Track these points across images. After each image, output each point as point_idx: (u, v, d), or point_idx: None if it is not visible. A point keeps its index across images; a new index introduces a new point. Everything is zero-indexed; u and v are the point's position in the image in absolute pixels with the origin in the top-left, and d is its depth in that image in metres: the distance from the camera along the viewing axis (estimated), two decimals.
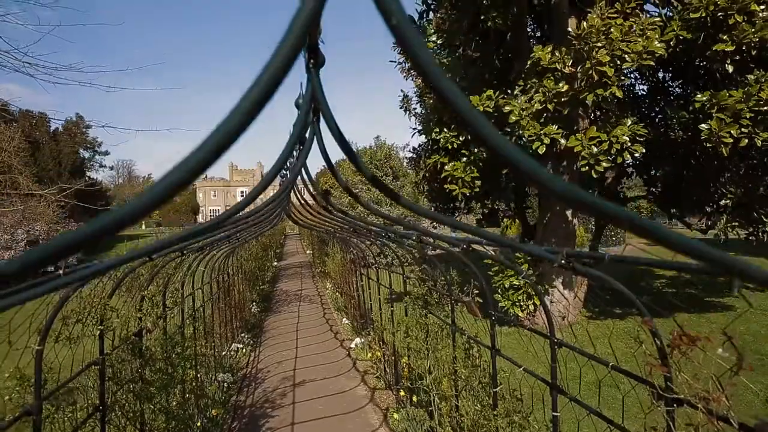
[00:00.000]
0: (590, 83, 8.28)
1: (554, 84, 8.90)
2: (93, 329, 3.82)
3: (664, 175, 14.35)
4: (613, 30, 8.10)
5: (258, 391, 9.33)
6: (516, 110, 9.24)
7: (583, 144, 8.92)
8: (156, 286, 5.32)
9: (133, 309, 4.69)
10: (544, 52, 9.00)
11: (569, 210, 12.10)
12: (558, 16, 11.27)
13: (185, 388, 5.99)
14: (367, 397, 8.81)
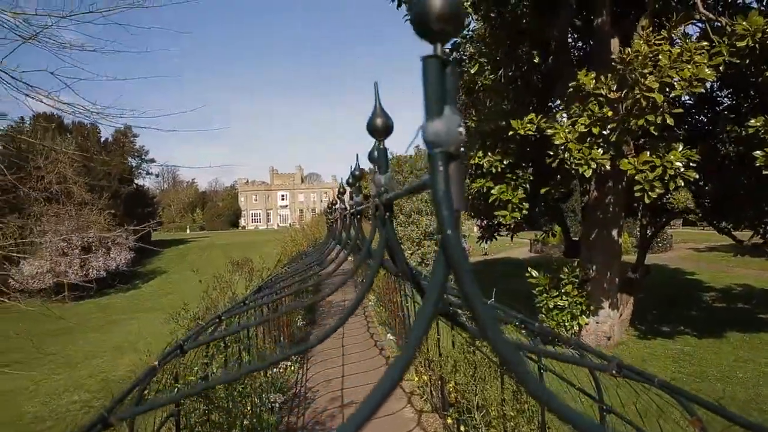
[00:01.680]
0: (639, 109, 8.24)
1: (599, 109, 8.88)
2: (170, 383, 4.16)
3: (713, 189, 14.06)
4: (661, 57, 8.06)
5: (308, 411, 9.58)
6: (560, 133, 9.25)
7: (636, 168, 8.89)
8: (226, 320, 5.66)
9: (200, 355, 5.04)
10: (588, 77, 9.00)
11: (615, 229, 12.02)
12: (600, 36, 11.23)
13: (244, 425, 6.33)
14: (414, 420, 8.95)
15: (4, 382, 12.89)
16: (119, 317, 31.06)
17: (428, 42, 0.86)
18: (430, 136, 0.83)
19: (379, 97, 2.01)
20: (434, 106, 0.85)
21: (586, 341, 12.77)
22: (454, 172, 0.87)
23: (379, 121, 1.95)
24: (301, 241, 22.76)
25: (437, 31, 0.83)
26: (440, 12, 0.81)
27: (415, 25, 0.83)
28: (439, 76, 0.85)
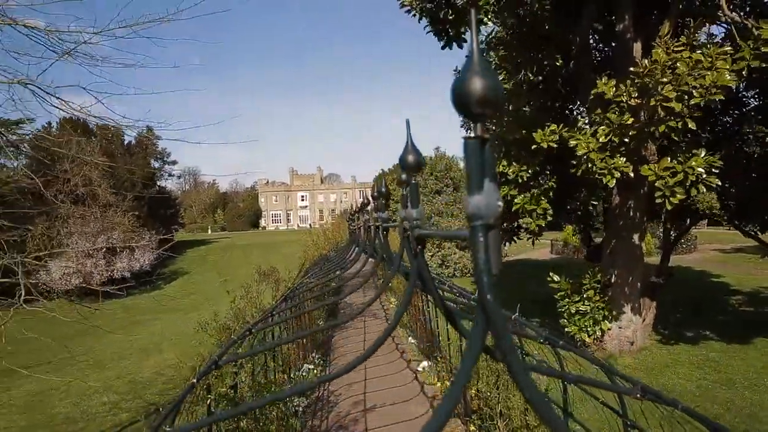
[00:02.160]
0: (658, 118, 8.20)
1: (619, 116, 8.84)
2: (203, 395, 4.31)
3: (738, 191, 13.86)
4: (679, 65, 8.00)
5: (331, 415, 9.70)
6: (582, 144, 9.24)
7: (656, 174, 8.83)
8: (249, 342, 5.82)
9: (230, 363, 5.17)
10: (608, 86, 8.97)
11: (636, 234, 11.94)
12: (622, 41, 11.16)
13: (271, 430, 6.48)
14: None
15: (37, 383, 13.26)
16: (143, 317, 31.61)
17: (469, 121, 0.95)
18: (472, 209, 0.92)
19: (410, 133, 2.11)
20: (475, 181, 0.93)
21: (609, 346, 12.70)
22: (492, 240, 0.96)
23: (410, 157, 2.04)
24: (324, 245, 22.88)
25: (477, 114, 0.92)
26: (480, 96, 0.90)
27: (456, 106, 0.92)
28: (479, 155, 0.93)
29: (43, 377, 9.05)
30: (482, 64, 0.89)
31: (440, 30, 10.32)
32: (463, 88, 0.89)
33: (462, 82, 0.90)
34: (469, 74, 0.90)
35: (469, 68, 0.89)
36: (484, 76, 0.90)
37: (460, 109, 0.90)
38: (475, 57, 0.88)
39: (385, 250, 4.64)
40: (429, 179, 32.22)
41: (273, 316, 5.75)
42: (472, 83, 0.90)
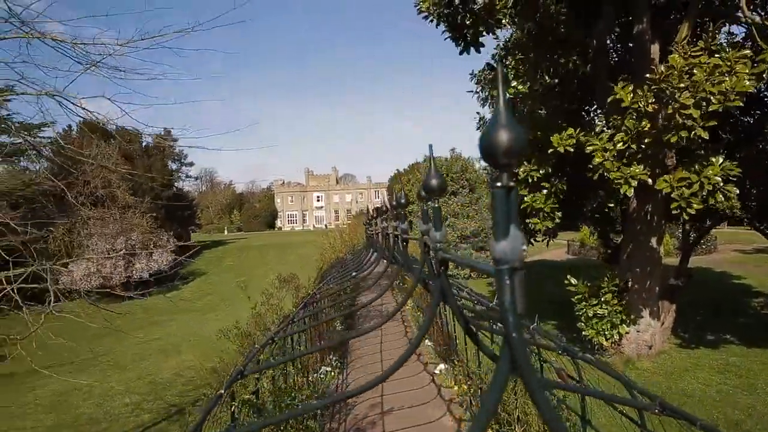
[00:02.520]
0: (675, 124, 8.13)
1: (636, 122, 8.78)
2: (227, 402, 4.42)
3: (760, 192, 13.69)
4: (696, 71, 7.92)
5: (349, 418, 9.77)
6: (599, 151, 9.20)
7: (672, 185, 8.76)
8: (270, 349, 5.94)
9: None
10: (625, 91, 8.91)
11: (654, 238, 11.86)
12: (640, 43, 11.09)
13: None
14: (453, 428, 9.04)
15: (60, 384, 13.53)
16: (161, 318, 31.96)
17: (496, 170, 1.03)
18: (498, 254, 1.00)
19: (434, 158, 2.19)
20: (502, 228, 1.01)
21: (627, 350, 12.62)
22: (517, 282, 1.03)
23: (434, 182, 2.12)
24: (341, 248, 23.02)
25: (503, 164, 0.99)
26: (507, 148, 0.97)
27: (484, 156, 1.00)
28: (505, 202, 1.01)
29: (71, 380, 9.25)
30: (508, 119, 0.97)
31: (458, 36, 10.35)
32: (491, 140, 0.98)
33: (489, 135, 0.99)
34: (497, 128, 0.98)
35: (496, 122, 0.97)
36: (510, 130, 0.98)
37: (487, 160, 0.98)
38: (502, 111, 0.96)
39: (406, 259, 4.74)
40: (445, 179, 32.21)
41: (293, 323, 5.85)
42: (499, 136, 0.98)
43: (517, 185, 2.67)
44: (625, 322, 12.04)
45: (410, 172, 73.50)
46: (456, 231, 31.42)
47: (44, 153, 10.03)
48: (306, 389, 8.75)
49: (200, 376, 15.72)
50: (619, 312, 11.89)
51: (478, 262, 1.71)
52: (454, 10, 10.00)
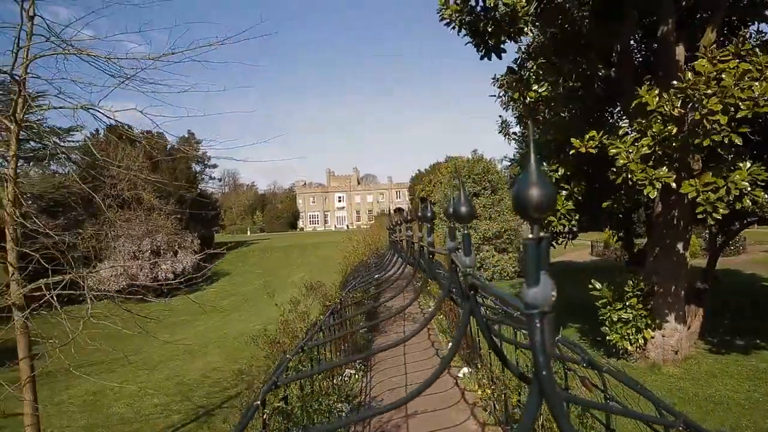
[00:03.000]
0: (702, 129, 8.04)
1: (662, 126, 8.70)
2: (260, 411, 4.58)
3: None
4: (725, 77, 7.82)
5: (374, 420, 9.88)
6: (623, 153, 9.14)
7: (697, 189, 8.66)
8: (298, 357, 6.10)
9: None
10: (651, 95, 8.82)
11: (680, 242, 11.73)
12: (665, 45, 11.00)
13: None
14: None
15: (92, 384, 13.91)
16: (186, 318, 32.46)
17: (527, 222, 1.15)
18: (530, 299, 1.12)
19: (464, 186, 2.29)
20: (533, 276, 1.12)
21: (652, 355, 12.50)
22: (546, 324, 1.14)
23: (463, 209, 2.24)
24: (364, 251, 23.16)
25: (534, 218, 1.10)
26: (537, 204, 1.08)
27: (517, 210, 1.11)
28: (536, 252, 1.12)
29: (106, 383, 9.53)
30: (538, 176, 1.08)
31: (479, 42, 10.38)
32: (523, 196, 1.10)
33: (521, 191, 1.11)
34: (528, 185, 1.09)
35: (528, 180, 1.09)
36: (540, 187, 1.09)
37: (520, 213, 1.09)
38: (533, 170, 1.07)
39: (432, 270, 4.85)
40: (467, 182, 32.13)
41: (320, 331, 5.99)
42: (530, 193, 1.10)
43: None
44: (651, 327, 11.92)
45: (431, 172, 73.39)
46: (478, 233, 31.31)
47: (73, 157, 10.35)
48: (332, 394, 8.91)
49: (226, 377, 16.04)
50: (644, 316, 11.78)
51: (508, 295, 1.81)
52: (475, 18, 10.03)
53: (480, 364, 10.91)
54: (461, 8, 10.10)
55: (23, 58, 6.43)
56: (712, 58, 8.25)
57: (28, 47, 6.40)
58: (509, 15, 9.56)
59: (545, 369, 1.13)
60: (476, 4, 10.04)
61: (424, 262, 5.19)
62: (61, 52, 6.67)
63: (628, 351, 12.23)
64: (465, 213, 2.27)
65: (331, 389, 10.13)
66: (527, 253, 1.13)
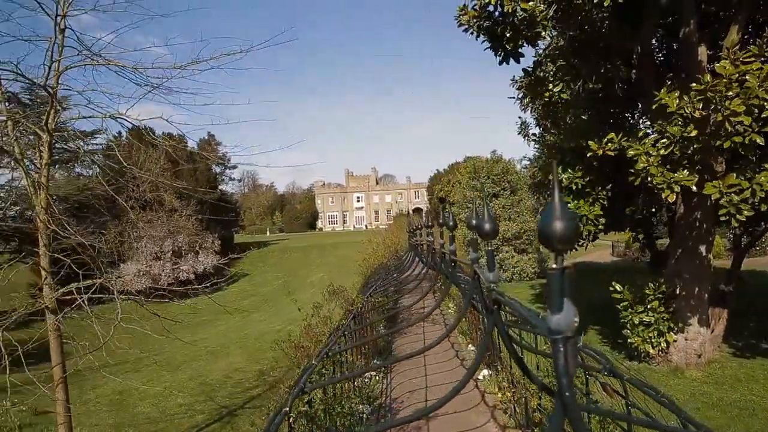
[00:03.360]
0: (724, 132, 7.97)
1: (682, 128, 8.63)
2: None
3: None
4: (749, 78, 7.74)
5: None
6: (642, 155, 9.08)
7: (721, 191, 8.57)
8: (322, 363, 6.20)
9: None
10: (671, 97, 8.75)
11: (704, 245, 11.60)
12: (687, 45, 10.89)
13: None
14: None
15: (117, 384, 14.22)
16: (208, 318, 32.82)
17: (551, 252, 1.24)
18: (554, 326, 1.20)
19: (488, 204, 2.38)
20: (557, 303, 1.20)
21: (675, 358, 12.37)
22: (570, 349, 1.22)
23: (487, 226, 2.32)
24: (383, 253, 23.29)
25: (558, 249, 1.19)
26: (561, 236, 1.17)
27: (542, 241, 1.19)
28: (560, 282, 1.20)
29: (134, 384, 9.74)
30: (562, 211, 1.17)
31: (497, 46, 10.39)
32: (547, 229, 1.19)
33: (546, 224, 1.21)
34: (552, 219, 1.18)
35: (552, 214, 1.18)
36: (564, 221, 1.18)
37: (545, 245, 1.18)
38: (557, 205, 1.16)
39: (454, 278, 4.93)
40: (486, 182, 32.03)
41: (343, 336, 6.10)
42: (554, 226, 1.19)
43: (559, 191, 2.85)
44: (673, 330, 11.81)
45: (450, 172, 73.21)
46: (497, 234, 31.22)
47: (96, 160, 10.61)
48: (354, 397, 9.02)
49: (248, 378, 16.27)
50: (667, 319, 11.67)
51: (532, 314, 1.88)
52: (493, 23, 10.06)
53: (500, 367, 10.93)
54: (479, 14, 10.13)
55: (54, 70, 6.65)
56: (734, 59, 8.16)
57: (59, 60, 6.63)
58: (527, 19, 9.56)
59: (568, 390, 1.21)
60: (494, 10, 10.06)
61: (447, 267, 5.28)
62: (90, 63, 6.88)
63: (650, 354, 12.12)
64: (489, 230, 2.35)
65: (352, 392, 10.25)
66: (551, 282, 1.22)
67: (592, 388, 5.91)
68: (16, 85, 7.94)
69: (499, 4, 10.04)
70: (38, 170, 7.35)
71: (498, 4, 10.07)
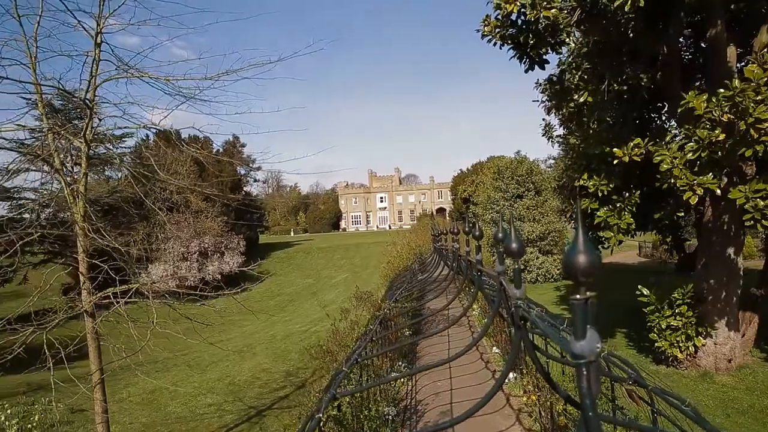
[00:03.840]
0: (751, 138, 7.87)
1: (709, 132, 8.52)
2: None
3: None
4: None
5: (420, 425, 10.06)
6: (667, 159, 9.00)
7: (747, 196, 8.45)
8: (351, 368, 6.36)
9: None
10: (699, 100, 8.65)
11: (732, 248, 11.43)
12: (714, 47, 10.75)
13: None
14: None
15: (148, 383, 14.59)
16: (234, 318, 33.22)
17: (575, 284, 1.34)
18: (577, 351, 1.31)
19: (514, 224, 2.48)
20: (580, 330, 1.30)
21: (704, 363, 12.20)
22: (593, 372, 1.32)
23: (514, 245, 2.43)
24: (408, 256, 23.36)
25: (581, 282, 1.29)
26: (584, 269, 1.27)
27: (567, 273, 1.30)
28: (583, 311, 1.30)
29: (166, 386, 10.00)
30: (585, 245, 1.28)
31: (522, 54, 10.38)
32: (572, 262, 1.31)
33: (570, 257, 1.32)
34: (576, 253, 1.30)
35: (576, 248, 1.29)
36: (587, 255, 1.29)
37: (569, 276, 1.29)
38: (581, 240, 1.27)
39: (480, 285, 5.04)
40: (510, 183, 31.86)
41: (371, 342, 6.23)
42: (578, 259, 1.31)
43: (587, 199, 3.03)
44: (701, 334, 11.64)
45: (474, 172, 72.85)
46: (522, 235, 31.00)
47: (125, 161, 10.93)
48: (381, 401, 9.16)
49: (275, 379, 16.54)
50: (694, 323, 11.52)
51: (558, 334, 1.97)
52: (517, 31, 10.07)
53: (525, 370, 10.95)
54: (502, 23, 10.14)
55: (92, 84, 6.92)
56: (762, 63, 8.05)
57: (97, 74, 6.90)
58: (550, 26, 9.55)
59: (591, 410, 1.32)
60: (517, 18, 10.07)
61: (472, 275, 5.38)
62: (126, 76, 7.15)
63: (678, 358, 11.98)
64: (516, 249, 2.46)
65: (378, 394, 10.38)
66: (575, 311, 1.33)
67: (618, 393, 5.95)
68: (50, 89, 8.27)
69: (522, 12, 10.06)
70: (69, 173, 7.64)
71: (521, 13, 10.08)
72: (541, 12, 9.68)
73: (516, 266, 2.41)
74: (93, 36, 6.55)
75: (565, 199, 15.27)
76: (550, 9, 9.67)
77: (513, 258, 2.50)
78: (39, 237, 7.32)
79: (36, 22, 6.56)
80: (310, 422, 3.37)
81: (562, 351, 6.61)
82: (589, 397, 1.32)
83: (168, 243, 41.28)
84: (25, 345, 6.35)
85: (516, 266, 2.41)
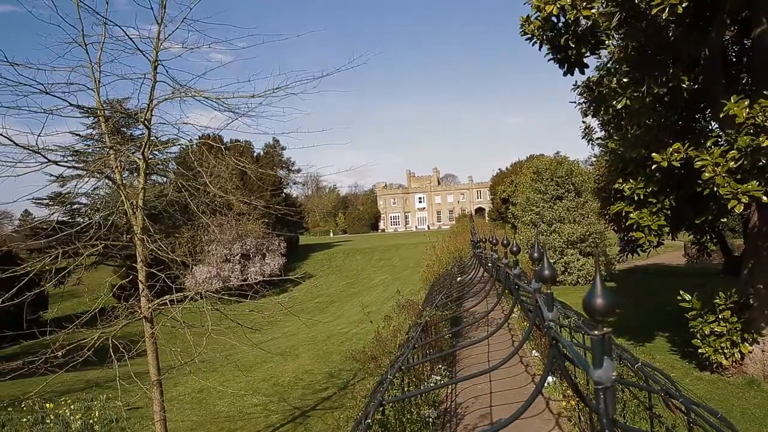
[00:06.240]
0: None
1: (752, 138, 8.41)
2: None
3: None
4: None
5: (459, 427, 10.22)
6: (709, 166, 8.92)
7: None
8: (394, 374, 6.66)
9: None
10: (740, 107, 8.54)
11: None
12: (761, 48, 10.56)
13: None
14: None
15: (196, 382, 15.22)
16: (276, 319, 34.02)
17: (593, 322, 1.59)
18: (596, 378, 1.55)
19: (546, 255, 2.73)
20: (598, 360, 1.55)
21: (751, 370, 11.96)
22: (609, 397, 1.56)
23: (547, 272, 2.67)
24: (447, 260, 23.53)
25: (598, 320, 1.54)
26: (600, 311, 1.52)
27: (586, 312, 1.55)
28: (600, 345, 1.54)
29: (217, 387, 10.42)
30: (602, 290, 1.52)
31: (561, 57, 10.45)
32: (590, 304, 1.55)
33: (590, 300, 1.56)
34: (594, 296, 1.54)
35: (594, 292, 1.53)
36: (603, 299, 1.53)
37: (588, 315, 1.54)
38: (598, 286, 1.51)
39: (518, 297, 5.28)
40: (549, 185, 31.56)
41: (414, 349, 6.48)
42: (596, 302, 1.55)
43: (623, 202, 3.36)
44: (747, 341, 11.43)
45: (513, 171, 72.07)
46: (562, 236, 30.63)
47: (171, 167, 11.46)
48: (423, 404, 9.41)
49: (318, 380, 16.97)
50: (740, 329, 11.32)
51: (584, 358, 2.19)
52: (557, 33, 10.14)
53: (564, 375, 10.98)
54: (543, 24, 10.24)
55: (150, 106, 7.44)
56: None
57: (153, 98, 7.42)
58: (590, 28, 9.60)
59: (608, 428, 1.56)
60: (557, 21, 10.16)
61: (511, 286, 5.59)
62: (180, 96, 7.64)
63: (723, 365, 11.79)
64: (548, 276, 2.69)
65: (419, 397, 10.62)
66: (594, 344, 1.58)
67: (655, 402, 6.02)
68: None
69: (562, 13, 10.12)
70: (122, 180, 8.14)
71: (560, 14, 10.14)
72: (581, 12, 9.72)
73: (548, 291, 2.64)
74: (152, 62, 7.05)
75: (603, 202, 15.17)
76: (590, 8, 9.70)
77: (545, 283, 2.74)
78: (95, 241, 7.82)
79: (99, 49, 7.10)
80: (359, 427, 3.65)
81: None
82: (605, 417, 1.56)
83: (211, 245, 42.51)
84: (94, 346, 6.89)
85: (548, 291, 2.64)
